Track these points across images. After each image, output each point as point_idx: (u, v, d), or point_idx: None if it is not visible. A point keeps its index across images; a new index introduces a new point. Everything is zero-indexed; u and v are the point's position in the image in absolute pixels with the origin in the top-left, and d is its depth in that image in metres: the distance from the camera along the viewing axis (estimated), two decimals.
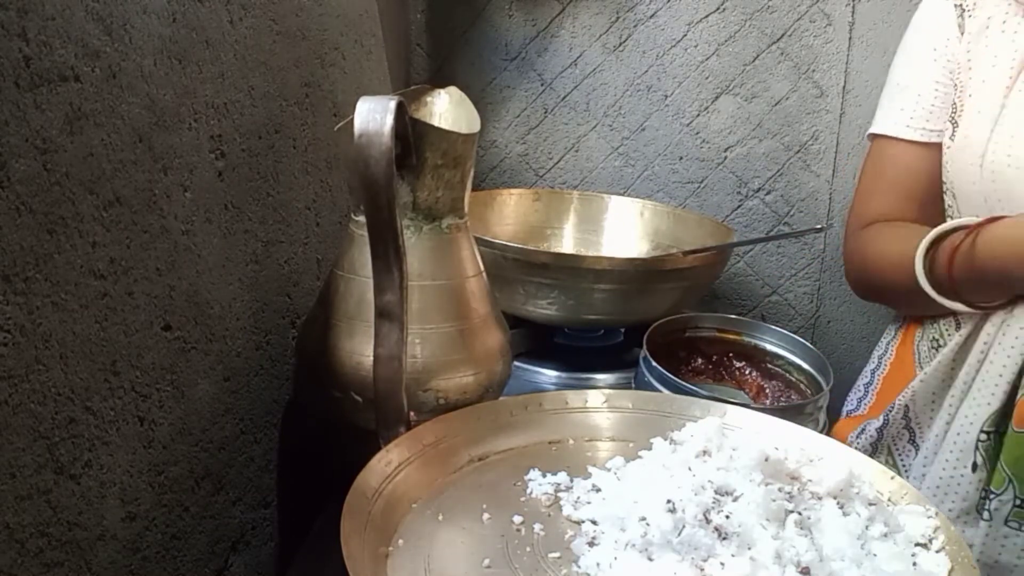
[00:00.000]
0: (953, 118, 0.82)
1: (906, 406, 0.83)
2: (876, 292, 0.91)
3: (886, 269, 0.83)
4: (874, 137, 0.89)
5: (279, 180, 0.64)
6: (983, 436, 0.76)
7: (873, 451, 0.85)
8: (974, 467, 0.76)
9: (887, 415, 0.84)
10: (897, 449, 0.84)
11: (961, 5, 0.82)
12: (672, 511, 0.48)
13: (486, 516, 0.51)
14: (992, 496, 0.75)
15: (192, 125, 0.51)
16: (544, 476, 0.55)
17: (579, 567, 0.47)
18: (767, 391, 0.81)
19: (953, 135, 0.82)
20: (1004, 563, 0.75)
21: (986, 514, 0.75)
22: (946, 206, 0.84)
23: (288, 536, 0.66)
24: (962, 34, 0.82)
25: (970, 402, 0.77)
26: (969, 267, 0.74)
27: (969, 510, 0.76)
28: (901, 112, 0.86)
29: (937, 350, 0.82)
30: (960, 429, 0.77)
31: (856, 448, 0.78)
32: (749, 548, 0.47)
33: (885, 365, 0.90)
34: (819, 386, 0.77)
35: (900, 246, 0.80)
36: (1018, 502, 0.74)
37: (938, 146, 0.83)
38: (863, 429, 0.86)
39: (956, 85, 0.82)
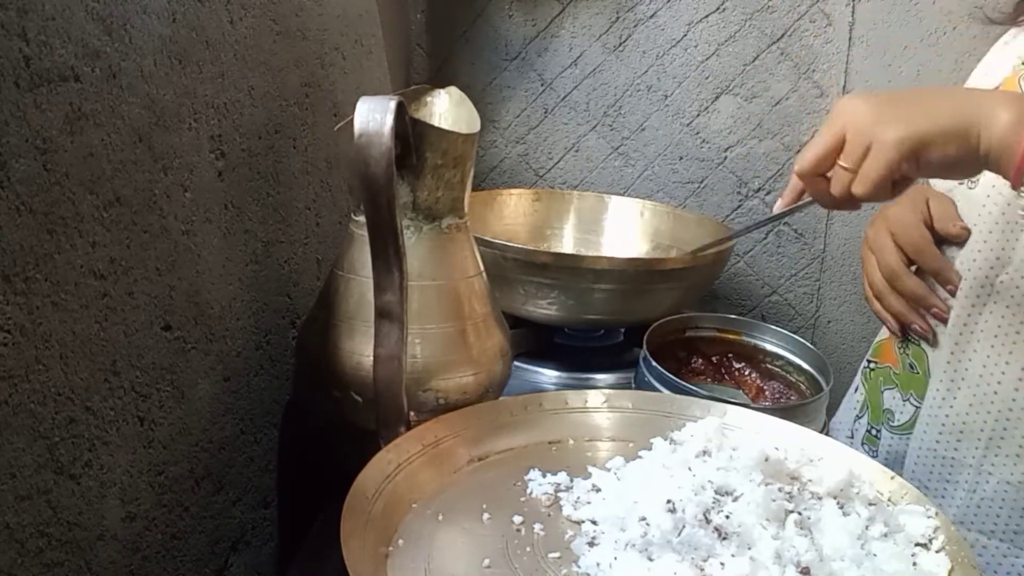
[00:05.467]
0: None
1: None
2: None
3: None
4: None
5: (279, 180, 0.64)
6: (865, 363, 0.84)
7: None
8: (856, 388, 0.85)
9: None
10: None
11: None
12: (672, 511, 0.48)
13: (486, 516, 0.51)
14: (857, 419, 0.82)
15: (192, 125, 0.51)
16: (544, 476, 0.55)
17: (579, 567, 0.47)
18: (767, 391, 0.81)
19: None
20: None
21: (851, 432, 0.84)
22: None
23: (288, 536, 0.66)
24: None
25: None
26: None
27: (850, 431, 0.85)
28: None
29: None
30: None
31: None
32: (749, 548, 0.47)
33: None
34: (819, 386, 0.76)
35: None
36: (870, 428, 0.80)
37: None
38: None
39: None
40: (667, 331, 0.82)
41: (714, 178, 1.19)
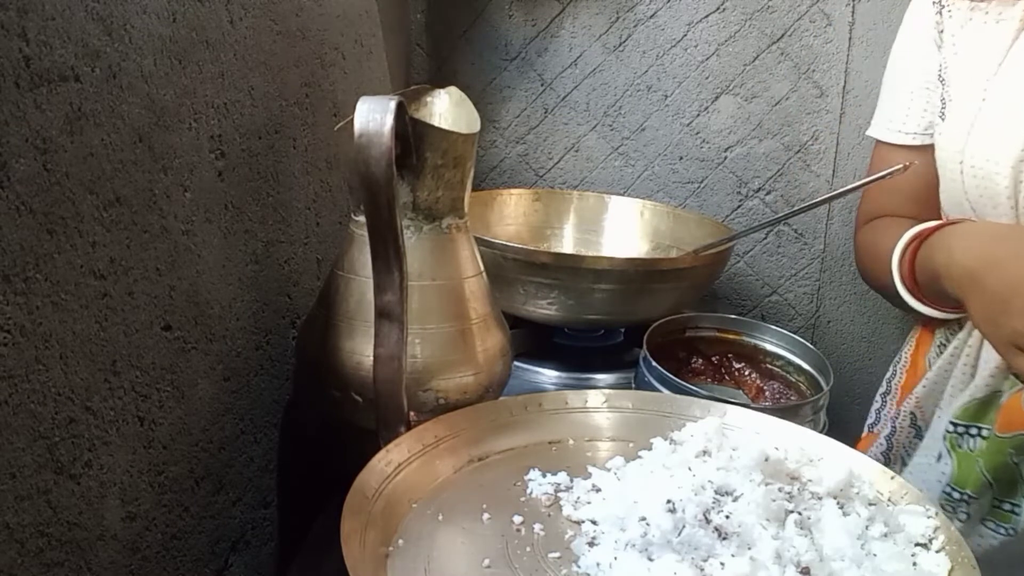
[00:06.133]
0: (943, 114, 0.81)
1: (912, 413, 0.83)
2: (874, 286, 0.91)
3: (876, 266, 0.83)
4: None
5: (279, 180, 0.64)
6: (951, 427, 0.77)
7: (886, 461, 0.84)
8: (938, 457, 0.77)
9: (894, 423, 0.85)
10: (908, 455, 0.84)
11: (940, 2, 0.81)
12: (672, 511, 0.48)
13: (486, 516, 0.51)
14: (969, 499, 0.74)
15: (192, 125, 0.51)
16: (544, 476, 0.55)
17: (579, 567, 0.47)
18: (767, 391, 0.81)
19: (941, 133, 0.81)
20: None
21: (963, 515, 0.75)
22: (941, 203, 0.84)
23: (288, 536, 0.66)
24: (941, 33, 0.81)
25: (952, 396, 0.78)
26: (921, 271, 0.75)
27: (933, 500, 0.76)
28: (891, 117, 0.87)
29: (942, 353, 0.82)
30: (938, 420, 0.78)
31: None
32: (749, 548, 0.47)
33: (901, 373, 0.89)
34: (819, 386, 0.77)
35: (887, 243, 0.80)
36: (996, 502, 0.74)
37: (930, 147, 0.83)
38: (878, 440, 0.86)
39: (943, 82, 0.81)
40: (667, 331, 0.82)
41: (714, 178, 1.19)
